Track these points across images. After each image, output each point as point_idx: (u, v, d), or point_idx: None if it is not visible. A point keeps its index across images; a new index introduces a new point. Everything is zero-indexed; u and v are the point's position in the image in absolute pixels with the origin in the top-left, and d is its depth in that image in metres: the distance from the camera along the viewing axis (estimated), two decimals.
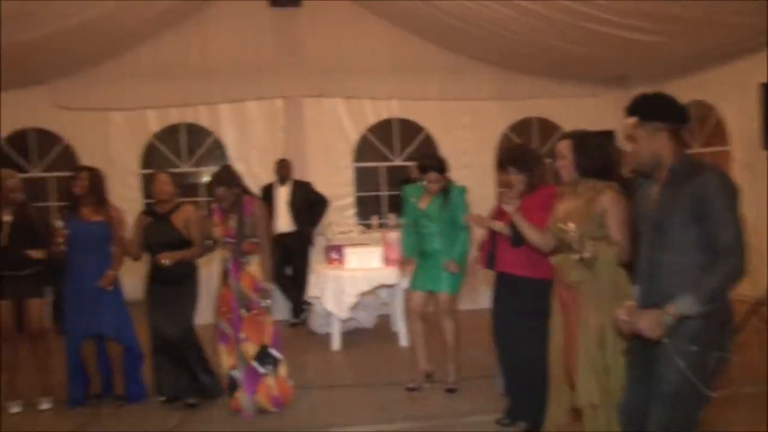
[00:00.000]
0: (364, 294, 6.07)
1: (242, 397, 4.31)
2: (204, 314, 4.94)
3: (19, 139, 8.69)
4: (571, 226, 2.96)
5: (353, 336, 6.45)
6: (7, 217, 4.43)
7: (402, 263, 4.93)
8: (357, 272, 5.98)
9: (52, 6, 5.90)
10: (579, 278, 2.99)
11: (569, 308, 3.09)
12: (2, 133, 8.51)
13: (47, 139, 8.69)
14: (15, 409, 4.59)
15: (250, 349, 4.33)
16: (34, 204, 5.03)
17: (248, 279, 4.36)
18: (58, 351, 4.73)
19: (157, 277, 4.51)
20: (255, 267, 4.38)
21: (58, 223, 4.48)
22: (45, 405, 4.64)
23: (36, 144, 8.70)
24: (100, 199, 4.57)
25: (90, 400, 4.68)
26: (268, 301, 4.37)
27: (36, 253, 4.41)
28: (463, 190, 4.64)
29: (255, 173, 8.07)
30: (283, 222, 7.22)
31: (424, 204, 4.62)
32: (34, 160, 8.70)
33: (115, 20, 6.95)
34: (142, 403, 4.67)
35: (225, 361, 4.40)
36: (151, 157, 8.71)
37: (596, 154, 3.05)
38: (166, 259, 4.37)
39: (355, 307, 6.11)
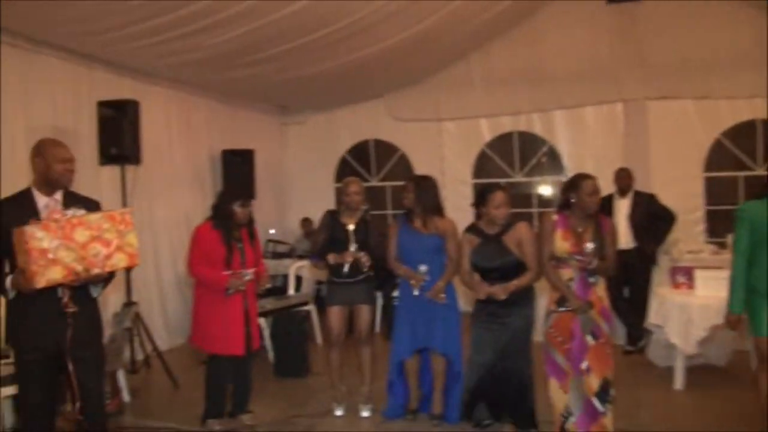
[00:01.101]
0: (715, 327, 5.52)
1: None
2: None
3: (360, 150, 10.06)
4: None
5: (700, 374, 5.96)
6: (351, 226, 4.85)
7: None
8: (708, 300, 5.53)
9: (389, 20, 6.68)
10: None
11: None
12: (346, 145, 10.08)
13: (385, 149, 9.86)
14: (339, 412, 5.05)
15: (593, 382, 4.11)
16: (373, 212, 5.79)
17: (597, 302, 4.16)
18: (384, 357, 5.07)
19: (490, 299, 4.37)
20: (602, 289, 4.20)
21: (352, 247, 4.81)
22: (365, 412, 5.00)
23: (375, 154, 10.04)
24: (428, 209, 4.69)
25: (407, 413, 4.89)
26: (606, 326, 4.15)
27: (333, 258, 4.78)
28: None
29: None
30: (623, 238, 6.90)
31: None
32: (373, 170, 10.06)
33: (447, 31, 7.55)
34: (458, 425, 4.67)
35: (558, 398, 4.22)
36: (483, 167, 9.29)
37: None
38: (501, 293, 4.30)
39: (704, 341, 5.68)
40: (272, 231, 9.56)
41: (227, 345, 4.59)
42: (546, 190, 9.43)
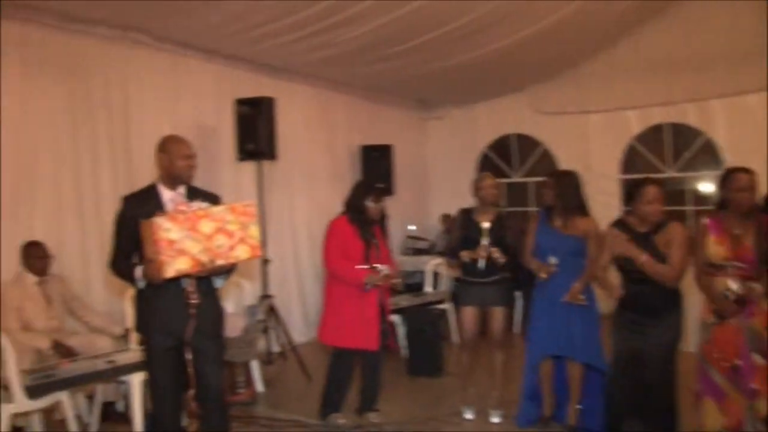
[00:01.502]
0: None
1: None
2: None
3: (501, 144, 9.78)
4: None
5: None
6: (486, 224, 4.61)
7: None
8: None
9: (530, 6, 6.34)
10: None
11: None
12: (487, 140, 9.84)
13: (527, 144, 9.51)
14: (468, 415, 4.87)
15: (762, 406, 3.69)
16: (515, 209, 5.56)
17: (762, 316, 3.70)
18: (520, 360, 4.79)
19: (631, 305, 3.99)
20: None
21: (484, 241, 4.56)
22: (495, 418, 4.79)
23: (517, 149, 9.71)
24: (569, 208, 4.39)
25: (540, 422, 4.61)
26: None
27: (466, 255, 4.56)
28: None
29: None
30: None
31: None
32: (515, 165, 9.71)
33: (592, 17, 7.03)
34: None
35: (712, 419, 3.82)
36: (632, 161, 8.73)
37: None
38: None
39: None
40: (411, 227, 9.52)
41: (361, 340, 4.56)
42: (703, 186, 8.66)
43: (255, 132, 6.13)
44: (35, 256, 4.64)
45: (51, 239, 5.06)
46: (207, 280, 3.35)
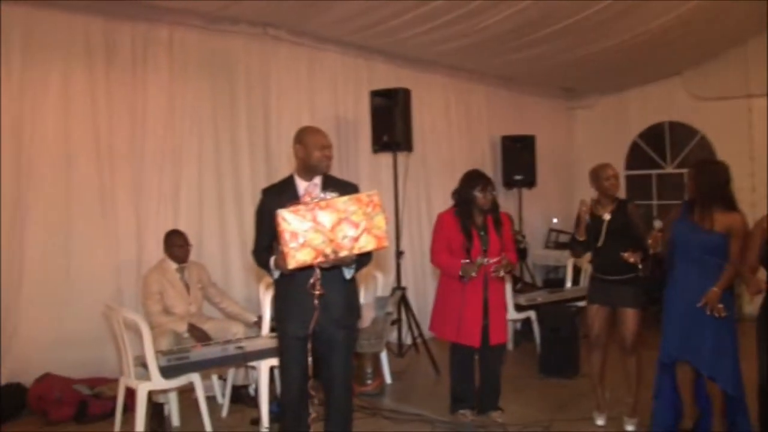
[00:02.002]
0: None
1: None
2: None
3: (653, 133, 9.18)
4: None
5: None
6: (607, 216, 4.39)
7: None
8: None
9: None
10: None
11: None
12: (638, 129, 9.25)
13: (682, 132, 8.89)
14: (600, 421, 4.58)
15: None
16: (669, 202, 5.09)
17: None
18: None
19: None
20: None
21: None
22: (629, 426, 4.47)
23: (670, 138, 9.07)
24: (708, 200, 3.94)
25: None
26: None
27: (630, 257, 4.19)
28: None
29: None
30: None
31: None
32: (668, 156, 9.08)
33: None
34: None
35: None
36: None
37: None
38: None
39: None
40: (555, 220, 9.21)
41: (462, 335, 4.45)
42: None
43: (391, 123, 6.13)
44: (176, 245, 4.90)
45: (193, 229, 5.37)
46: (336, 270, 3.34)
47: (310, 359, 3.27)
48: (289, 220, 3.07)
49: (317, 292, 3.22)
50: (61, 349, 4.92)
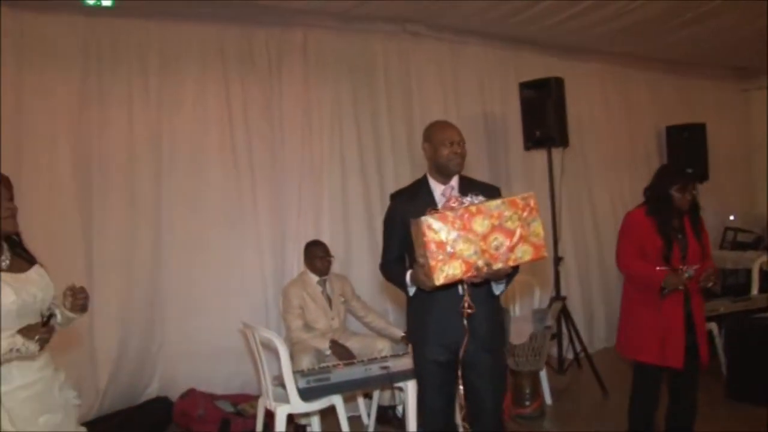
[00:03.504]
0: None
1: None
2: None
3: None
4: None
5: None
6: None
7: None
8: None
9: None
10: None
11: None
12: None
13: None
14: None
15: None
16: None
17: None
18: None
19: None
20: None
21: None
22: None
23: None
24: None
25: None
26: None
27: None
28: None
29: None
30: None
31: None
32: None
33: None
34: None
35: None
36: None
37: None
38: None
39: None
40: (732, 217, 8.27)
41: (661, 355, 3.82)
42: None
43: (543, 117, 5.61)
44: (317, 256, 4.68)
45: (337, 239, 5.17)
46: (486, 286, 2.93)
47: (461, 388, 2.87)
48: (435, 228, 2.69)
49: (468, 311, 2.82)
50: (206, 363, 4.89)
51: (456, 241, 2.70)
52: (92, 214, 4.72)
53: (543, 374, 5.10)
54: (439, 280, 2.67)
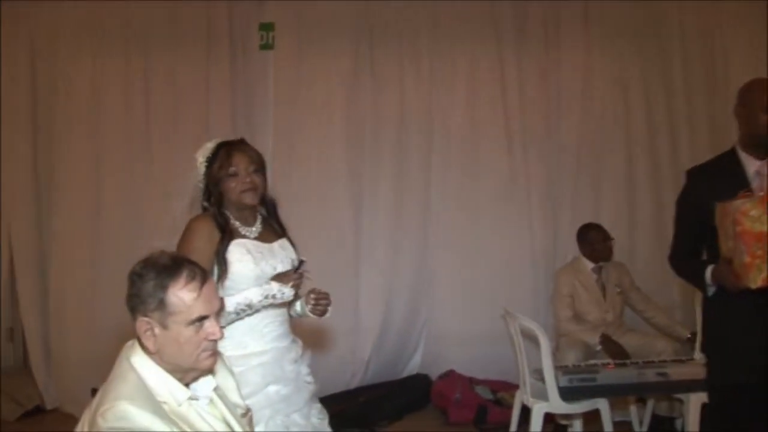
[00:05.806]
0: None
1: None
2: None
3: None
4: None
5: None
6: None
7: None
8: None
9: None
10: None
11: None
12: None
13: None
14: None
15: None
16: None
17: None
18: None
19: None
20: None
21: None
22: None
23: None
24: None
25: None
26: None
27: None
28: None
29: None
30: None
31: None
32: None
33: None
34: None
35: None
36: None
37: None
38: None
39: None
40: None
41: None
42: None
43: None
44: (595, 240, 4.20)
45: (620, 223, 4.68)
46: None
47: None
48: (753, 215, 2.18)
49: None
50: (468, 345, 4.75)
51: None
52: (362, 186, 4.89)
53: None
54: (756, 281, 2.17)
